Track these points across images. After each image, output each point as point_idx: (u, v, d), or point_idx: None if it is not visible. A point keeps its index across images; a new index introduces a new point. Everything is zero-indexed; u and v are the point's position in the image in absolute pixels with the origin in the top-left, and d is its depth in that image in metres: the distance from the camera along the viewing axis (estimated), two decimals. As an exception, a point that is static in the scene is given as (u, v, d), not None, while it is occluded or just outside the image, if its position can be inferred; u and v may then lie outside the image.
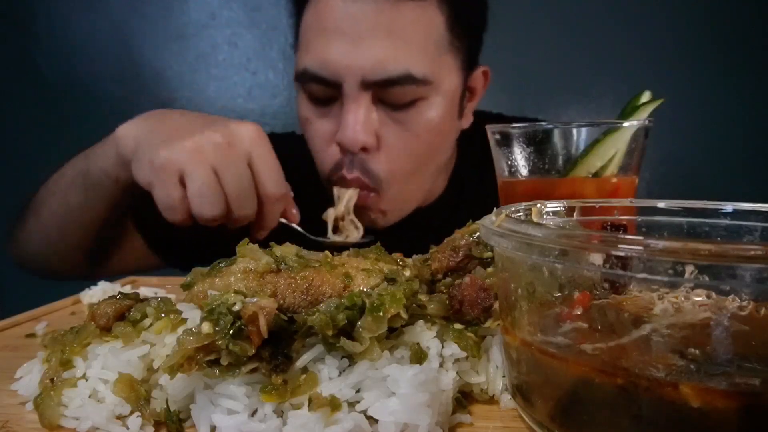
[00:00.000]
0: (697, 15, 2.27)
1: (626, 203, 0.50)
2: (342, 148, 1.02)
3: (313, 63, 1.00)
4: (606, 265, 0.31)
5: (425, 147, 1.06)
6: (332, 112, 1.04)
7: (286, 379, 0.37)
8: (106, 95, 2.30)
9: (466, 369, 0.43)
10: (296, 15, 1.11)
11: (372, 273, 0.44)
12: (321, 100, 1.05)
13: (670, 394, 0.29)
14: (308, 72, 1.01)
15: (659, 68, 2.24)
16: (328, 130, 1.04)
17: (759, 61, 2.29)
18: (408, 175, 1.08)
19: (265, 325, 0.36)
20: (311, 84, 1.02)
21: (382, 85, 0.98)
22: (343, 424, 0.35)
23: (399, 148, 1.03)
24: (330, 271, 0.43)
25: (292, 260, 0.44)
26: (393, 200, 1.09)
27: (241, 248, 0.45)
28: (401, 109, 1.02)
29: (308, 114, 1.07)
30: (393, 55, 0.97)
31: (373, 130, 1.00)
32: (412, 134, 1.03)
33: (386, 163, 1.04)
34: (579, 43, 2.26)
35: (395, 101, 1.00)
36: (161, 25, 2.35)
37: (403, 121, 1.02)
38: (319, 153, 1.08)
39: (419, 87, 1.00)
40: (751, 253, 0.27)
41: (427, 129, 1.04)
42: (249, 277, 0.42)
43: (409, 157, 1.05)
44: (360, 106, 0.99)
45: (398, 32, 0.98)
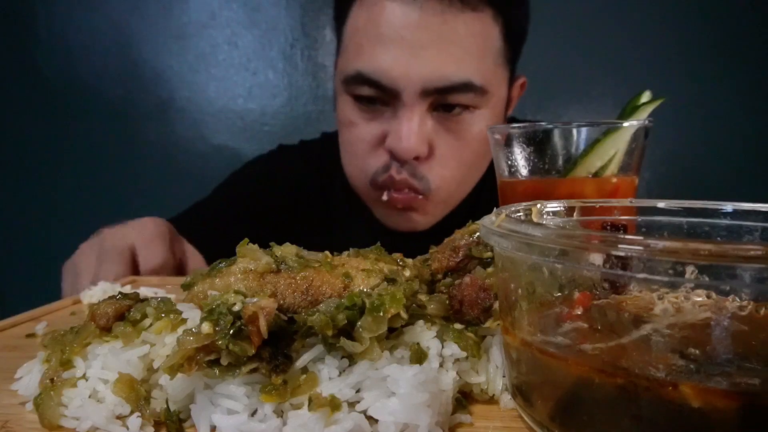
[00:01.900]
0: (697, 15, 2.27)
1: (626, 203, 0.50)
2: (392, 154, 1.01)
3: (369, 68, 0.99)
4: (606, 265, 0.31)
5: (474, 155, 1.07)
6: (382, 117, 1.03)
7: (286, 379, 0.37)
8: (106, 95, 2.30)
9: (466, 369, 0.43)
10: (340, 17, 1.10)
11: (372, 273, 0.44)
12: (368, 103, 1.03)
13: (670, 394, 0.29)
14: (362, 76, 0.99)
15: (659, 68, 2.24)
16: (376, 135, 1.04)
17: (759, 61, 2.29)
18: (457, 182, 1.08)
19: (265, 325, 0.36)
20: (363, 87, 1.01)
21: (441, 92, 0.98)
22: (343, 424, 0.35)
23: (450, 157, 1.04)
24: (330, 271, 0.43)
25: (292, 260, 0.44)
26: (438, 204, 1.10)
27: (241, 248, 0.45)
28: (455, 118, 1.02)
29: (353, 117, 1.06)
30: (454, 63, 0.97)
31: (426, 138, 1.00)
32: (463, 143, 1.04)
33: (437, 170, 1.04)
34: (579, 43, 2.26)
35: (450, 105, 1.00)
36: (161, 25, 2.35)
37: (454, 130, 1.03)
38: (362, 157, 1.08)
39: (476, 95, 1.00)
40: (750, 253, 0.27)
41: (477, 138, 1.04)
42: (249, 277, 0.42)
43: (459, 164, 1.06)
44: (416, 114, 0.98)
45: (459, 42, 0.98)
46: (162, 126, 2.27)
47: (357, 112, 1.06)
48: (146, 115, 2.29)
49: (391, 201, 1.07)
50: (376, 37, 0.99)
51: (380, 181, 1.06)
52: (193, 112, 2.40)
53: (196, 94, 2.39)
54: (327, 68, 2.37)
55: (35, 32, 2.33)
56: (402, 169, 1.02)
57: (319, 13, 2.34)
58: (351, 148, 1.10)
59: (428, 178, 1.04)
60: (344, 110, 1.08)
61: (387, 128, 1.02)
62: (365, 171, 1.08)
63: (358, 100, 1.05)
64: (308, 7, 2.35)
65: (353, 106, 1.06)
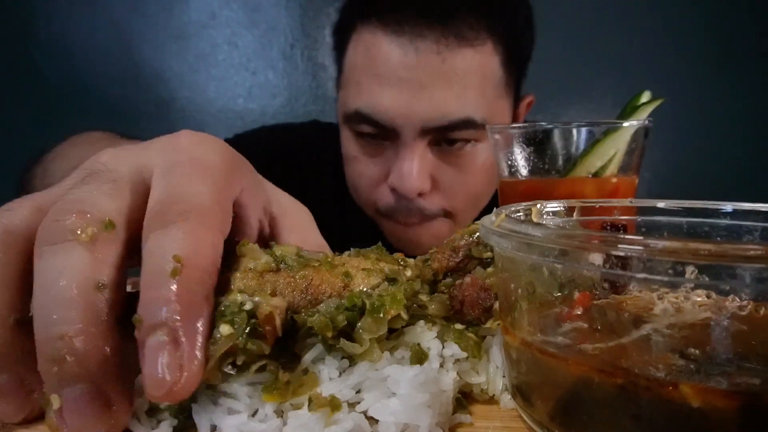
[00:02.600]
0: (696, 15, 2.28)
1: (626, 203, 0.50)
2: (395, 192, 1.01)
3: (367, 107, 0.98)
4: (606, 265, 0.31)
5: (480, 185, 1.06)
6: (384, 154, 1.03)
7: (290, 379, 0.37)
8: (106, 95, 2.30)
9: (467, 369, 0.43)
10: (339, 48, 1.09)
11: (372, 273, 0.44)
12: (371, 139, 1.03)
13: (670, 393, 0.29)
14: (361, 114, 0.99)
15: (659, 68, 2.25)
16: (378, 172, 1.04)
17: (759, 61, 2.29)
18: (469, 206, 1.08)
19: (280, 324, 0.36)
20: (362, 125, 1.01)
21: (442, 130, 0.97)
22: (343, 424, 0.35)
23: (454, 188, 1.03)
24: (329, 270, 0.43)
25: (291, 260, 0.43)
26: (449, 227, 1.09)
27: (241, 248, 0.44)
28: (455, 152, 1.01)
29: (355, 153, 1.06)
30: (454, 102, 0.96)
31: (428, 174, 1.00)
32: (467, 175, 1.03)
33: (443, 201, 1.04)
34: (579, 44, 2.26)
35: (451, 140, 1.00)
36: (161, 25, 2.35)
37: (457, 164, 1.02)
38: (367, 192, 1.08)
39: (477, 130, 0.99)
40: (750, 253, 0.27)
41: (482, 168, 1.04)
42: (248, 275, 0.41)
43: (465, 192, 1.05)
44: (416, 152, 0.98)
45: (458, 79, 0.97)
46: (162, 126, 2.26)
47: (359, 147, 1.06)
48: (146, 115, 2.29)
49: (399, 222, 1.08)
50: (374, 77, 0.98)
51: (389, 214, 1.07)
52: (193, 112, 2.40)
53: (196, 94, 2.39)
54: (327, 68, 2.38)
55: (35, 32, 2.33)
56: (411, 213, 1.03)
57: (319, 13, 2.34)
58: (355, 182, 1.11)
59: (435, 212, 1.05)
60: (347, 145, 1.08)
61: (389, 166, 1.02)
62: (372, 203, 1.09)
63: (359, 136, 1.04)
64: (308, 7, 2.35)
65: (355, 141, 1.06)
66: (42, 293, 0.34)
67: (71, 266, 0.34)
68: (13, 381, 0.36)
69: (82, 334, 0.33)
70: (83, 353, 0.33)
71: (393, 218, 1.07)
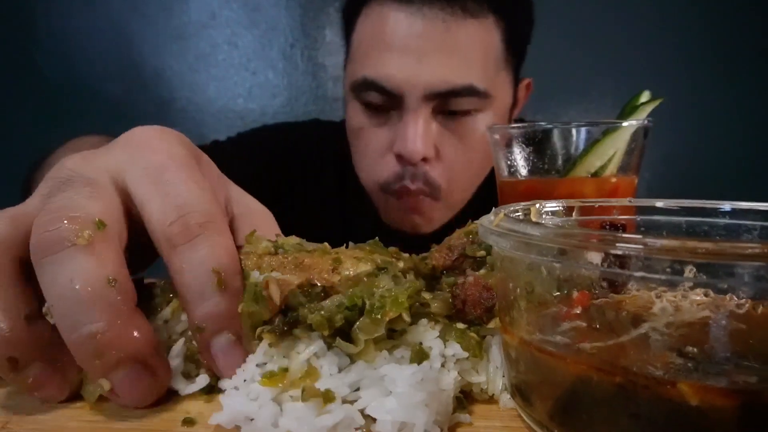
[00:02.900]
0: (697, 15, 2.28)
1: (625, 203, 0.50)
2: (401, 159, 1.03)
3: (374, 73, 1.01)
4: (604, 264, 0.31)
5: (481, 157, 1.09)
6: (389, 122, 1.06)
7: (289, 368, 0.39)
8: (106, 95, 2.30)
9: (468, 369, 0.43)
10: (348, 26, 1.13)
11: (363, 260, 0.45)
12: (376, 110, 1.06)
13: (668, 392, 0.29)
14: (368, 81, 1.02)
15: (659, 68, 2.25)
16: (384, 140, 1.06)
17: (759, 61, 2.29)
18: (465, 184, 1.11)
19: (277, 293, 0.40)
20: (369, 93, 1.04)
21: (444, 96, 1.00)
22: (334, 415, 0.36)
23: (456, 159, 1.06)
24: (321, 256, 0.45)
25: (289, 246, 0.47)
26: (445, 208, 1.12)
27: (249, 237, 0.48)
28: (458, 121, 1.04)
29: (362, 123, 1.09)
30: (456, 69, 1.00)
31: (432, 141, 1.03)
32: (468, 146, 1.06)
33: (446, 173, 1.06)
34: (579, 43, 2.27)
35: (454, 110, 1.03)
36: (161, 25, 2.35)
37: (459, 133, 1.05)
38: (374, 163, 1.10)
39: (479, 99, 1.02)
40: (749, 251, 0.27)
41: (482, 140, 1.06)
42: (249, 257, 0.44)
43: (467, 166, 1.08)
44: (420, 117, 1.00)
45: (461, 49, 1.01)
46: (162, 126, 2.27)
47: (366, 118, 1.08)
48: (146, 115, 2.29)
49: (402, 204, 1.09)
50: (382, 45, 1.02)
51: (393, 189, 1.08)
52: (193, 112, 2.40)
53: (196, 94, 2.40)
54: (327, 68, 2.38)
55: (35, 32, 2.34)
56: (416, 178, 1.05)
57: (319, 13, 2.35)
58: (361, 154, 1.13)
59: (439, 184, 1.07)
60: (354, 116, 1.11)
61: (394, 135, 1.04)
62: (376, 176, 1.11)
63: (366, 107, 1.07)
64: (308, 7, 2.35)
65: (362, 112, 1.08)
66: (59, 301, 0.37)
67: (79, 270, 0.37)
68: (47, 368, 0.40)
69: (110, 328, 0.36)
70: (118, 344, 0.37)
71: (397, 193, 1.08)
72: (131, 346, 0.37)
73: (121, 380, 0.38)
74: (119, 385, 0.38)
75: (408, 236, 1.20)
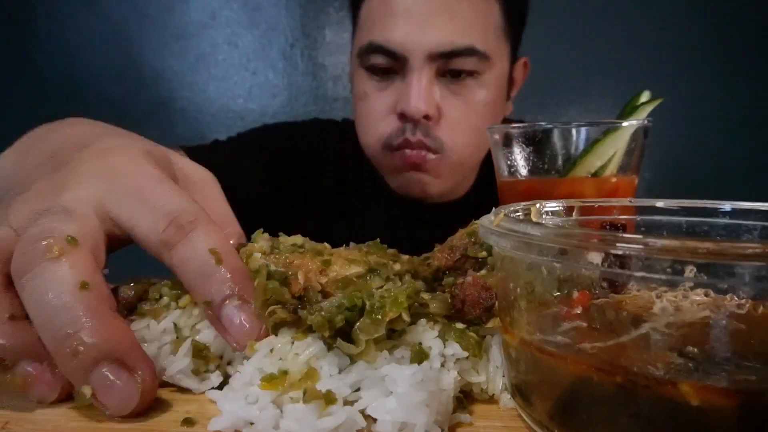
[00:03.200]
0: (697, 15, 2.28)
1: (625, 203, 0.50)
2: (403, 117, 1.08)
3: (380, 37, 1.07)
4: (604, 264, 0.31)
5: (482, 121, 1.13)
6: (392, 86, 1.11)
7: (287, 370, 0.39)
8: (106, 95, 2.30)
9: (467, 368, 0.43)
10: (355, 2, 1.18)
11: (355, 262, 0.46)
12: (381, 75, 1.11)
13: (669, 392, 0.29)
14: (374, 45, 1.08)
15: (659, 68, 2.24)
16: (388, 103, 1.11)
17: (759, 61, 2.29)
18: (468, 147, 1.14)
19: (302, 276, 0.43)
20: (374, 56, 1.09)
21: (447, 57, 1.05)
22: (335, 417, 0.36)
23: (459, 120, 1.10)
24: (312, 257, 0.46)
25: (284, 247, 0.48)
26: (450, 169, 1.15)
27: (255, 236, 0.50)
28: (461, 83, 1.09)
29: (367, 89, 1.13)
30: (458, 31, 1.06)
31: (434, 101, 1.07)
32: (470, 108, 1.11)
33: (449, 131, 1.10)
34: (579, 43, 2.26)
35: (456, 72, 1.08)
36: (161, 25, 2.35)
37: (462, 95, 1.10)
38: (376, 125, 1.14)
39: (480, 60, 1.08)
40: (749, 251, 0.27)
41: (483, 103, 1.12)
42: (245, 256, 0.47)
43: (469, 128, 1.12)
44: (423, 77, 1.05)
45: (463, 13, 1.07)
46: (162, 126, 2.28)
47: (370, 83, 1.13)
48: (146, 115, 2.29)
49: (405, 159, 1.12)
50: (387, 11, 1.08)
51: (395, 144, 1.11)
52: (193, 112, 2.40)
53: (196, 94, 2.39)
54: (327, 68, 2.38)
55: (35, 32, 2.34)
56: (416, 130, 1.08)
57: (319, 13, 2.35)
58: (365, 118, 1.17)
59: (441, 139, 1.10)
60: (359, 84, 1.16)
61: (398, 97, 1.09)
62: (379, 136, 1.14)
63: (371, 71, 1.12)
64: (308, 7, 2.35)
65: (367, 78, 1.13)
66: (38, 312, 0.38)
67: (52, 279, 0.38)
68: (36, 367, 0.40)
69: (85, 327, 0.37)
70: (92, 339, 0.37)
71: (399, 147, 1.11)
72: (106, 344, 0.38)
73: (100, 381, 0.38)
74: (99, 387, 0.38)
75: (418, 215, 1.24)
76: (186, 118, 2.37)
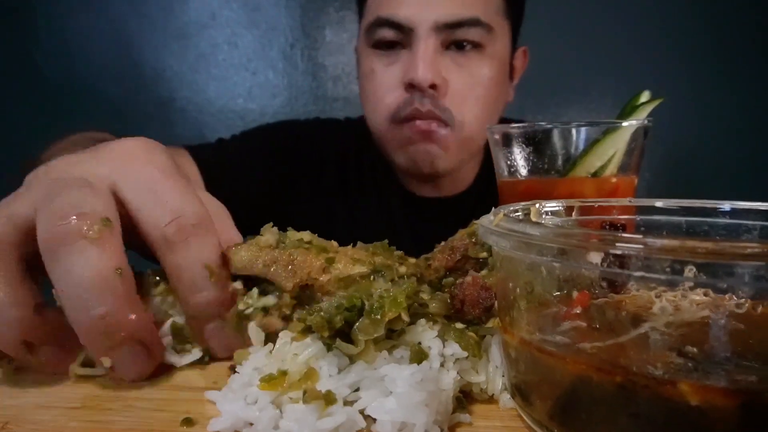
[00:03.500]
0: (697, 15, 2.27)
1: (625, 202, 0.50)
2: (411, 87, 1.10)
3: (387, 11, 1.11)
4: (604, 263, 0.31)
5: (488, 95, 1.16)
6: (399, 60, 1.13)
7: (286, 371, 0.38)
8: (106, 95, 2.30)
9: (467, 368, 0.43)
10: None
11: (359, 262, 0.46)
12: (387, 48, 1.14)
13: (668, 391, 0.29)
14: (381, 19, 1.11)
15: (659, 68, 2.24)
16: (395, 76, 1.13)
17: (759, 61, 2.29)
18: (477, 121, 1.16)
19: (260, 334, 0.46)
20: (382, 30, 1.12)
21: (452, 27, 1.09)
22: (335, 417, 0.36)
23: (465, 92, 1.13)
24: (317, 254, 0.47)
25: (291, 242, 0.49)
26: (460, 143, 1.16)
27: (264, 229, 0.51)
28: (465, 55, 1.12)
29: (374, 65, 1.16)
30: (463, 4, 1.09)
31: (440, 71, 1.10)
32: (475, 80, 1.14)
33: (456, 102, 1.12)
34: (579, 43, 2.26)
35: (461, 44, 1.11)
36: (161, 25, 2.35)
37: (467, 67, 1.13)
38: (384, 98, 1.16)
39: (484, 32, 1.11)
40: (748, 251, 0.27)
41: (487, 76, 1.14)
42: (250, 248, 0.48)
43: (475, 101, 1.15)
44: (429, 47, 1.08)
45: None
46: (162, 126, 2.28)
47: (377, 59, 1.16)
48: (146, 115, 2.29)
49: (414, 129, 1.13)
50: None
51: (404, 115, 1.13)
52: (193, 112, 2.40)
53: (196, 94, 2.39)
54: (327, 68, 2.37)
55: (35, 32, 2.34)
56: (424, 100, 1.10)
57: (319, 13, 2.34)
58: (372, 94, 1.19)
59: (450, 111, 1.12)
60: (366, 62, 1.18)
61: (405, 70, 1.11)
62: (386, 110, 1.16)
63: (377, 47, 1.15)
64: (308, 7, 2.35)
65: (374, 55, 1.16)
66: (71, 287, 0.41)
67: (91, 260, 0.41)
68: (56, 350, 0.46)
69: (117, 312, 0.41)
70: (122, 325, 0.42)
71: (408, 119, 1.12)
72: (132, 327, 0.42)
73: (122, 358, 0.43)
74: (120, 362, 0.43)
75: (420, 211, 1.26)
76: (186, 118, 2.37)
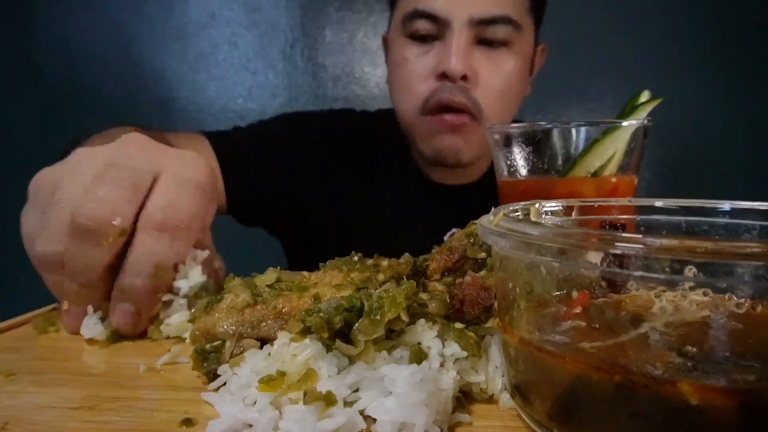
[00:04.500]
0: (697, 15, 2.27)
1: (624, 202, 0.50)
2: (442, 77, 1.14)
3: (423, 4, 1.14)
4: (604, 263, 0.31)
5: (510, 89, 1.20)
6: (432, 51, 1.17)
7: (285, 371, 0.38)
8: (106, 95, 2.30)
9: (467, 368, 0.43)
10: None
11: (342, 287, 0.46)
12: (422, 40, 1.18)
13: (668, 391, 0.29)
14: (418, 11, 1.15)
15: (659, 68, 2.24)
16: (428, 66, 1.17)
17: (759, 61, 2.29)
18: (500, 113, 1.20)
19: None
20: (418, 21, 1.16)
21: (485, 23, 1.13)
22: (336, 419, 0.36)
23: (493, 85, 1.17)
24: (299, 295, 0.47)
25: (266, 292, 0.48)
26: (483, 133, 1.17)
27: (227, 284, 0.50)
28: (494, 51, 1.17)
29: (407, 54, 1.20)
30: (496, 2, 1.14)
31: (472, 63, 1.14)
32: (503, 75, 1.18)
33: (485, 95, 1.16)
34: (579, 43, 2.26)
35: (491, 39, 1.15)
36: (161, 25, 2.35)
37: (495, 62, 1.17)
38: (416, 87, 1.20)
39: (513, 30, 1.16)
40: (748, 251, 0.27)
41: (514, 71, 1.19)
42: (231, 314, 0.47)
43: (501, 94, 1.19)
44: (463, 40, 1.13)
45: None
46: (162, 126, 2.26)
47: (411, 48, 1.19)
48: (146, 115, 2.29)
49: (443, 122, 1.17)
50: None
51: (433, 103, 1.16)
52: (193, 112, 2.40)
53: (196, 94, 2.39)
54: (327, 68, 2.37)
55: (35, 32, 2.33)
56: (456, 91, 1.14)
57: (319, 13, 2.34)
58: (404, 82, 1.22)
59: (480, 104, 1.16)
60: (399, 50, 1.22)
61: (437, 61, 1.15)
62: (416, 99, 1.19)
63: (412, 38, 1.19)
64: (308, 7, 2.35)
65: (408, 44, 1.20)
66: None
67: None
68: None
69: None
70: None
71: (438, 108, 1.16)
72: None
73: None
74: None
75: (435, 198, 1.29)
76: (186, 118, 2.37)
